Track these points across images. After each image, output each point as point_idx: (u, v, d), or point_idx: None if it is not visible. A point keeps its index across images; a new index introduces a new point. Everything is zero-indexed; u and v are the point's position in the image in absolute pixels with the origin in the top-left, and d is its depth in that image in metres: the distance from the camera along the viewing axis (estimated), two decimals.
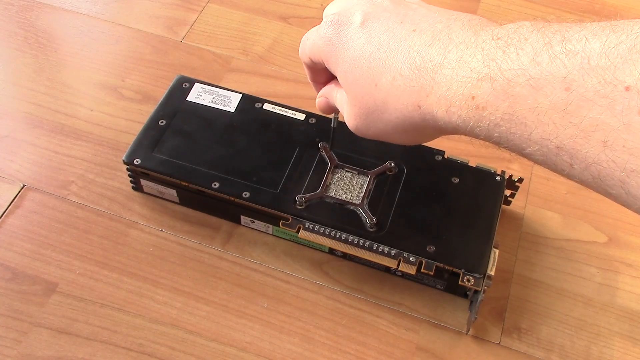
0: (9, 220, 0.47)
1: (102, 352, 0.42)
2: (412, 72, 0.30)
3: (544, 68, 0.25)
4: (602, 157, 0.24)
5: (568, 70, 0.24)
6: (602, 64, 0.23)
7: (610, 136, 0.23)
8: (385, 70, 0.31)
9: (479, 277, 0.41)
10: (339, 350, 0.43)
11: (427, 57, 0.30)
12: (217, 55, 0.60)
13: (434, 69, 0.30)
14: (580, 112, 0.24)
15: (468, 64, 0.28)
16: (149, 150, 0.46)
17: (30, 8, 0.62)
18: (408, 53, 0.31)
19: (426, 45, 0.30)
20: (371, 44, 0.32)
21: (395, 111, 0.32)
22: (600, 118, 0.23)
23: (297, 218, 0.43)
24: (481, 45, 0.28)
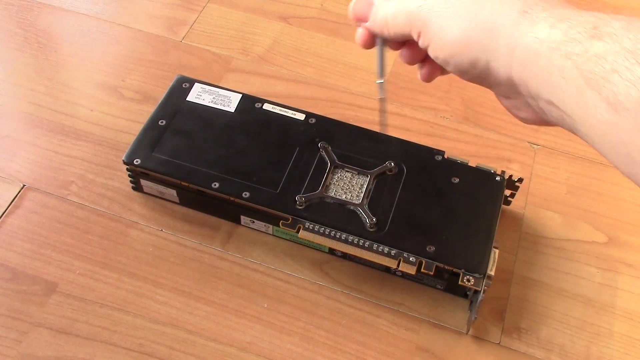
0: (9, 220, 0.47)
1: (102, 352, 0.42)
2: (536, 3, 0.28)
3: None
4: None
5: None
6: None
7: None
8: (504, 5, 0.29)
9: (479, 277, 0.41)
10: (339, 350, 0.43)
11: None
12: (217, 55, 0.60)
13: (564, 2, 0.29)
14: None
15: (603, 13, 0.27)
16: (149, 150, 0.46)
17: (30, 8, 0.62)
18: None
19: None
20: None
21: (494, 2, 0.29)
22: None
23: (297, 218, 0.43)
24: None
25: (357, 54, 0.61)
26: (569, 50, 0.26)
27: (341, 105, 0.56)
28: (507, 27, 0.28)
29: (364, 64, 0.60)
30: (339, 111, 0.56)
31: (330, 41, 0.62)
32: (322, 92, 0.57)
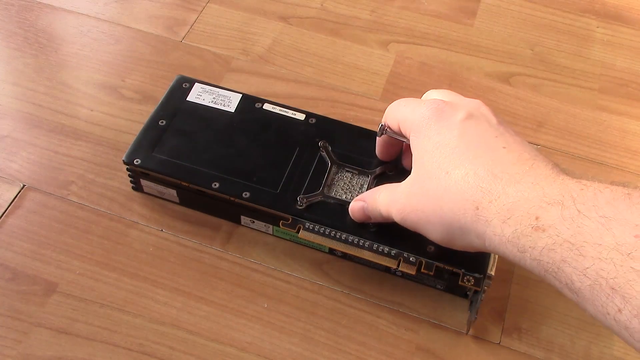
0: (9, 220, 0.47)
1: (102, 352, 0.42)
2: (487, 176, 0.32)
3: (618, 212, 0.26)
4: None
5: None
6: None
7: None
8: (463, 165, 0.33)
9: (479, 277, 0.41)
10: (339, 350, 0.43)
11: (506, 171, 0.32)
12: (217, 55, 0.60)
13: (508, 182, 0.31)
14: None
15: (543, 188, 0.29)
16: (149, 150, 0.46)
17: (30, 8, 0.62)
18: (491, 160, 0.33)
19: (510, 162, 0.32)
20: (461, 140, 0.34)
21: (451, 203, 0.33)
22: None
23: (297, 218, 0.43)
24: (560, 181, 0.30)
25: (357, 54, 0.61)
26: (521, 244, 0.29)
27: (341, 105, 0.56)
28: (469, 225, 0.33)
29: (364, 64, 0.60)
30: (339, 111, 0.56)
31: (330, 41, 0.62)
32: (322, 92, 0.57)
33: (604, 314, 0.26)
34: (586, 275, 0.26)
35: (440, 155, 0.35)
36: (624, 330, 0.26)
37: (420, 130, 0.36)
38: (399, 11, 0.65)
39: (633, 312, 0.25)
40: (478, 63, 0.61)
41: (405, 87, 0.58)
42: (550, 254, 0.28)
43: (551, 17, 0.66)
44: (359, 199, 0.42)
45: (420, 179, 0.36)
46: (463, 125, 0.35)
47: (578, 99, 0.59)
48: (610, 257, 0.25)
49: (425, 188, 0.35)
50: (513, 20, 0.65)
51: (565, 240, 0.27)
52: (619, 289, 0.25)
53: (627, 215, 0.26)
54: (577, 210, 0.27)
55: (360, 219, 0.42)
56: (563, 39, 0.64)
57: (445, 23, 0.65)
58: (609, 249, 0.25)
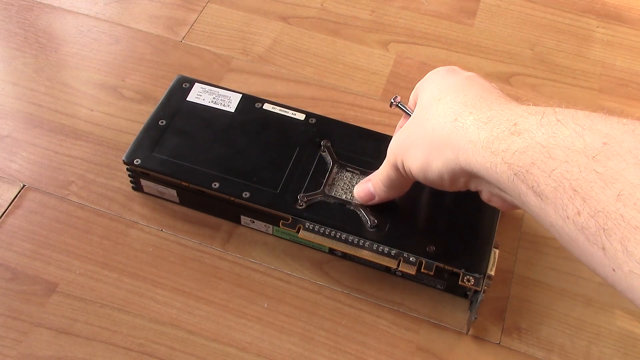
0: (9, 220, 0.47)
1: (102, 352, 0.42)
2: (474, 97, 0.34)
3: (594, 123, 0.27)
4: (612, 208, 0.25)
5: (612, 129, 0.26)
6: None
7: (626, 190, 0.25)
8: (454, 92, 0.35)
9: (479, 277, 0.41)
10: (339, 350, 0.43)
11: (495, 95, 0.34)
12: (217, 55, 0.60)
13: (494, 101, 0.33)
14: (607, 162, 0.25)
15: (528, 106, 0.31)
16: (149, 150, 0.46)
17: (30, 8, 0.62)
18: (483, 90, 0.35)
19: (502, 95, 0.35)
20: (462, 81, 0.36)
21: (434, 120, 0.35)
22: (623, 172, 0.25)
23: (297, 218, 0.43)
24: (547, 106, 0.31)
25: (357, 54, 0.61)
26: (495, 147, 0.30)
27: (341, 105, 0.56)
28: (445, 138, 0.34)
29: (364, 64, 0.60)
30: (339, 111, 0.56)
31: (330, 41, 0.62)
32: (322, 92, 0.57)
33: (563, 218, 0.27)
34: (552, 177, 0.27)
35: (438, 90, 0.36)
36: (580, 233, 0.26)
37: (429, 77, 0.39)
38: (399, 11, 0.65)
39: (590, 213, 0.26)
40: (478, 63, 0.61)
41: (405, 87, 0.58)
42: (522, 156, 0.29)
43: (551, 17, 0.66)
44: (365, 180, 0.43)
45: (415, 115, 0.38)
46: (469, 75, 0.37)
47: (578, 99, 0.59)
48: (577, 159, 0.26)
49: (417, 119, 0.37)
50: (513, 20, 0.65)
51: (538, 143, 0.28)
52: (580, 191, 0.26)
53: (601, 126, 0.27)
54: (555, 119, 0.29)
55: (365, 198, 0.43)
56: (563, 39, 0.64)
57: (445, 23, 0.65)
58: (576, 152, 0.27)
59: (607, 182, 0.25)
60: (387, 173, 0.40)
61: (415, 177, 0.37)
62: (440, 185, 0.36)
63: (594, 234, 0.26)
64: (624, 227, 0.24)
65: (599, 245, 0.26)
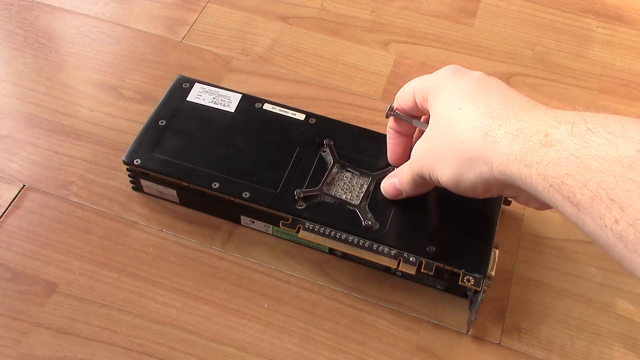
0: (9, 220, 0.47)
1: (102, 352, 0.42)
2: (499, 106, 0.33)
3: (625, 129, 0.27)
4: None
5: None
6: None
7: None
8: (476, 100, 0.35)
9: (479, 277, 0.41)
10: (339, 350, 0.43)
11: (518, 103, 0.33)
12: (217, 55, 0.60)
13: (520, 109, 0.32)
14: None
15: (555, 113, 0.31)
16: (149, 150, 0.46)
17: (30, 8, 0.62)
18: (504, 97, 0.34)
19: (523, 100, 0.34)
20: (477, 84, 0.36)
21: (461, 134, 0.34)
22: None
23: (297, 218, 0.43)
24: (572, 109, 0.31)
25: (357, 54, 0.61)
26: (528, 160, 0.30)
27: (341, 105, 0.56)
28: (477, 152, 0.33)
29: (364, 64, 0.60)
30: (339, 111, 0.56)
31: (330, 41, 0.62)
32: (322, 92, 0.57)
33: (601, 227, 0.27)
34: (587, 187, 0.27)
35: (455, 97, 0.36)
36: (618, 241, 0.27)
37: (438, 84, 0.38)
38: (399, 11, 0.65)
39: (629, 222, 0.26)
40: (478, 63, 0.61)
41: None
42: (556, 167, 0.29)
43: (551, 17, 0.66)
44: (391, 175, 0.43)
45: (435, 125, 0.37)
46: (479, 77, 0.37)
47: (578, 99, 0.59)
48: (612, 169, 0.26)
49: (438, 129, 0.36)
50: (513, 20, 0.65)
51: (571, 154, 0.28)
52: (617, 200, 0.26)
53: (633, 133, 0.27)
54: (586, 127, 0.28)
55: (393, 194, 0.43)
56: (563, 39, 0.64)
57: (445, 23, 0.65)
58: (611, 162, 0.27)
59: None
60: (412, 177, 0.40)
61: (444, 187, 0.38)
62: (473, 195, 0.37)
63: (633, 241, 0.26)
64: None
65: (638, 252, 0.26)
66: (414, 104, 0.40)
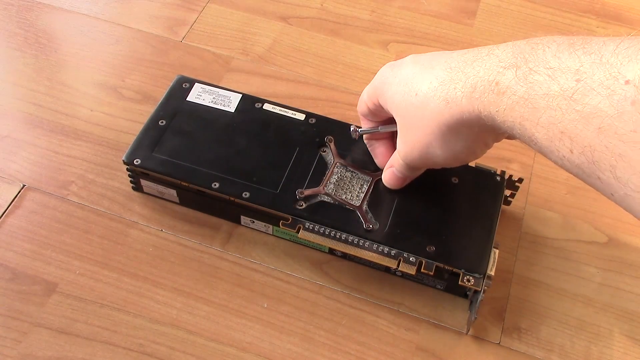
0: (9, 220, 0.47)
1: (102, 352, 0.42)
2: (446, 73, 0.34)
3: (562, 61, 0.28)
4: (596, 142, 0.26)
5: (582, 63, 0.27)
6: (611, 61, 0.26)
7: (605, 122, 0.26)
8: (425, 79, 0.36)
9: (479, 277, 0.41)
10: (339, 350, 0.43)
11: (461, 60, 0.34)
12: (217, 55, 0.60)
13: (465, 64, 0.34)
14: (584, 99, 0.27)
15: (497, 56, 0.32)
16: (149, 150, 0.46)
17: (30, 8, 0.62)
18: (446, 61, 0.35)
19: (461, 54, 0.35)
20: (415, 66, 0.37)
21: (431, 113, 0.35)
22: (599, 106, 0.26)
23: (297, 218, 0.43)
24: (512, 45, 0.32)
25: (357, 54, 0.61)
26: (489, 112, 0.32)
27: (341, 105, 0.56)
28: (452, 122, 0.35)
29: (364, 64, 0.60)
30: (339, 111, 0.56)
31: (330, 41, 0.62)
32: (322, 92, 0.57)
33: (561, 159, 0.29)
34: (540, 125, 0.29)
35: (405, 86, 0.37)
36: (578, 169, 0.28)
37: (382, 85, 0.39)
38: (399, 11, 0.65)
39: (579, 150, 0.27)
40: None
41: None
42: (513, 113, 0.30)
43: (551, 17, 0.66)
44: (388, 166, 0.44)
45: (402, 120, 0.38)
46: (412, 58, 0.38)
47: None
48: (557, 103, 0.28)
49: (409, 123, 0.38)
50: (513, 20, 0.65)
51: (521, 97, 0.30)
52: (566, 131, 0.28)
53: (569, 62, 0.28)
54: (528, 68, 0.30)
55: (396, 184, 0.44)
56: None
57: (445, 23, 0.65)
58: (555, 97, 0.28)
59: (588, 118, 0.26)
60: (407, 165, 0.41)
61: (445, 165, 0.39)
62: (475, 157, 0.38)
63: (588, 167, 0.27)
64: (610, 157, 0.26)
65: (594, 176, 0.28)
66: (375, 109, 0.42)
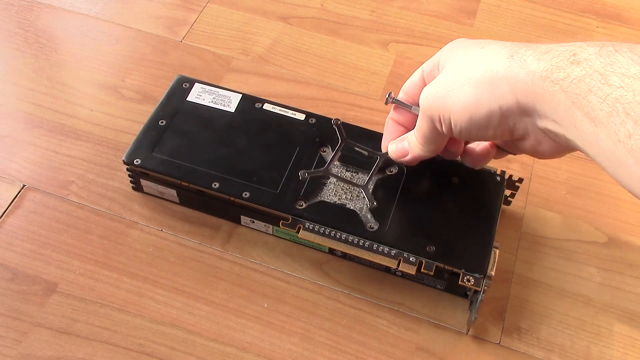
0: (9, 220, 0.47)
1: (102, 352, 0.42)
2: (523, 44, 0.34)
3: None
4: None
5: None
6: None
7: None
8: (497, 42, 0.35)
9: (479, 277, 0.41)
10: (339, 350, 0.43)
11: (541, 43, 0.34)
12: (217, 55, 0.60)
13: (542, 44, 0.33)
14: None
15: (582, 42, 0.32)
16: (149, 150, 0.46)
17: (30, 8, 0.62)
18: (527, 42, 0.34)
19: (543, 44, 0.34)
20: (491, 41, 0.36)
21: (484, 61, 0.34)
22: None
23: (297, 218, 0.43)
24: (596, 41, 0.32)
25: (357, 54, 0.61)
26: (555, 76, 0.31)
27: (341, 105, 0.56)
28: (502, 73, 0.33)
29: (364, 64, 0.60)
30: (339, 111, 0.56)
31: (330, 41, 0.62)
32: (322, 92, 0.57)
33: (615, 142, 0.28)
34: (606, 102, 0.28)
35: (474, 44, 0.36)
36: (629, 155, 0.28)
37: (452, 49, 0.38)
38: (399, 11, 0.65)
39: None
40: None
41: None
42: (580, 84, 0.30)
43: (551, 17, 0.66)
44: (401, 139, 0.43)
45: (450, 66, 0.37)
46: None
47: None
48: (631, 84, 0.28)
49: (455, 67, 0.36)
50: (513, 20, 0.65)
51: (596, 70, 0.29)
52: (632, 114, 0.27)
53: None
54: (613, 49, 0.30)
55: (398, 153, 0.42)
56: (563, 39, 0.64)
57: (445, 23, 0.65)
58: (631, 78, 0.28)
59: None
60: (421, 128, 0.39)
61: (454, 125, 0.36)
62: (484, 129, 0.35)
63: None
64: None
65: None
66: (420, 81, 0.41)
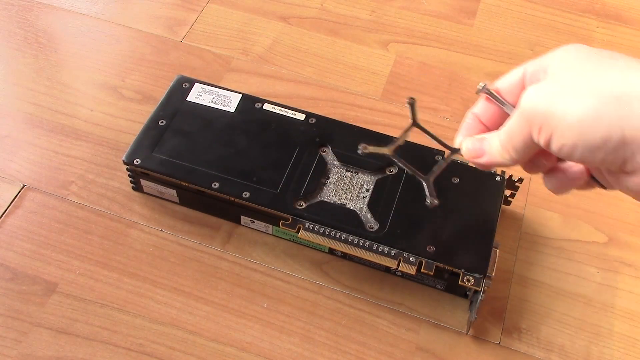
0: (9, 220, 0.47)
1: (102, 352, 0.42)
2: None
3: None
4: None
5: None
6: None
7: None
8: (623, 55, 0.30)
9: (479, 277, 0.41)
10: (339, 350, 0.43)
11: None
12: (217, 55, 0.60)
13: None
14: None
15: None
16: (149, 150, 0.46)
17: (30, 8, 0.62)
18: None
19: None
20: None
21: (609, 68, 0.29)
22: None
23: (297, 218, 0.43)
24: None
25: (357, 54, 0.61)
26: None
27: (341, 105, 0.56)
28: (637, 92, 0.27)
29: (364, 64, 0.60)
30: (339, 111, 0.56)
31: (330, 41, 0.62)
32: (322, 92, 0.57)
33: None
34: None
35: (599, 51, 0.31)
36: None
37: (567, 48, 0.34)
38: (399, 11, 0.65)
39: None
40: (478, 63, 0.61)
41: (405, 87, 0.58)
42: None
43: (551, 17, 0.66)
44: (480, 138, 0.36)
45: (570, 68, 0.31)
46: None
47: None
48: None
49: (578, 70, 0.31)
50: (513, 20, 0.65)
51: None
52: None
53: None
54: None
55: (472, 153, 0.36)
56: (563, 39, 0.64)
57: (445, 23, 0.65)
58: None
59: None
60: (511, 131, 0.32)
61: (558, 138, 0.29)
62: (594, 151, 0.29)
63: None
64: None
65: None
66: (519, 82, 0.36)
